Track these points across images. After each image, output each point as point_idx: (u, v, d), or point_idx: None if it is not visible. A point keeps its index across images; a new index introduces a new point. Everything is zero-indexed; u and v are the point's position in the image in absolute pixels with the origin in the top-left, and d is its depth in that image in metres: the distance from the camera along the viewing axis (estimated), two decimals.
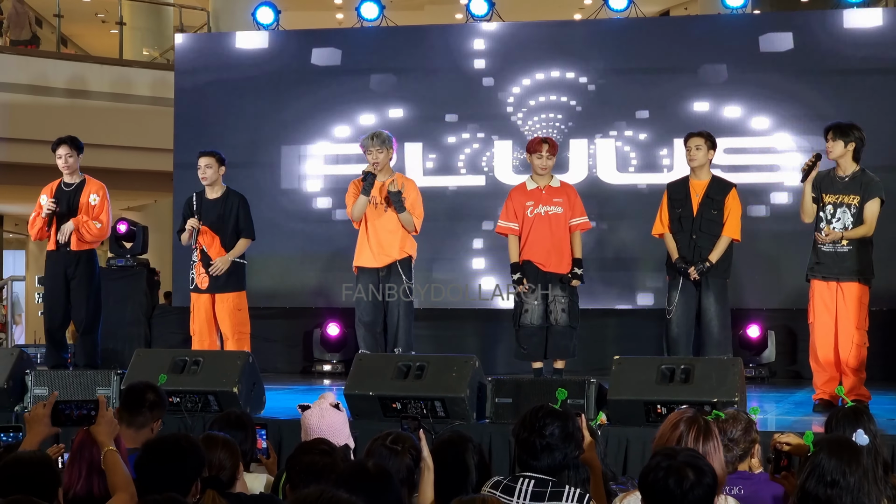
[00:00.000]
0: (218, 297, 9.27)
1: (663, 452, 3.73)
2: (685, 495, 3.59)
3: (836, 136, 8.09)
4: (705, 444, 4.23)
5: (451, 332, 11.63)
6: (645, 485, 3.67)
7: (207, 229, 9.26)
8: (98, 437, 4.31)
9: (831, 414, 4.90)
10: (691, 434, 4.23)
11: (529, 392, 7.20)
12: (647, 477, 3.66)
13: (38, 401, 7.77)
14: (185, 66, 12.48)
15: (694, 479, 3.60)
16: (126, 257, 12.23)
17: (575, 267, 8.80)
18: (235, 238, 9.32)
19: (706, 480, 3.62)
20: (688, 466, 3.62)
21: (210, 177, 9.31)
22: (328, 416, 5.24)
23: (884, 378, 9.64)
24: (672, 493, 3.60)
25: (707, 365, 7.16)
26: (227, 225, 9.30)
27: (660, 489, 3.61)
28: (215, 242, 9.27)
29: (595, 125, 11.44)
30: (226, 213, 9.32)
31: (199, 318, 9.30)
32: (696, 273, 8.45)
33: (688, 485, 3.59)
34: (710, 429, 4.30)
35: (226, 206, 9.34)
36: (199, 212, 9.30)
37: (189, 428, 7.21)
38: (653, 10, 18.29)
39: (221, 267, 9.21)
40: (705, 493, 3.61)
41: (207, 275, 9.23)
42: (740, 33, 11.29)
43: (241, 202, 9.40)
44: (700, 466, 3.64)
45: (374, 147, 8.93)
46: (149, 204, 20.15)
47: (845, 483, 3.95)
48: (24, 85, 16.00)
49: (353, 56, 11.98)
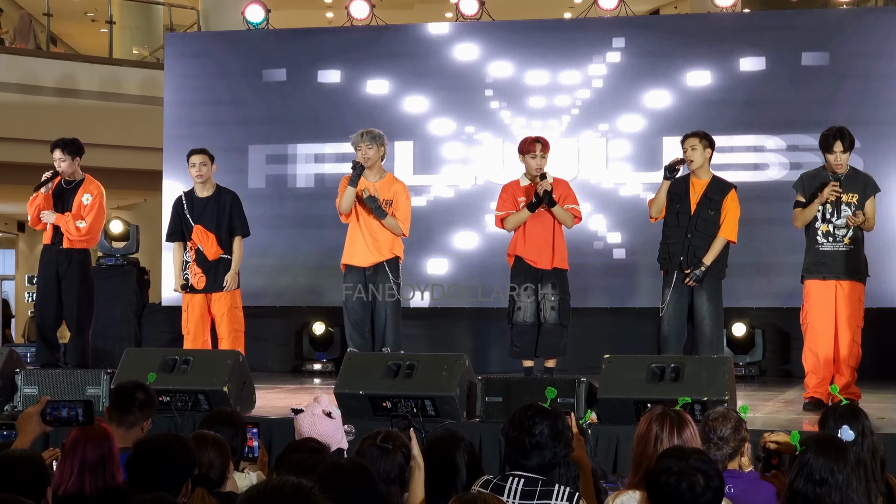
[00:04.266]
0: (214, 297, 9.24)
1: (673, 454, 3.75)
2: (696, 499, 3.62)
3: (846, 146, 8.05)
4: (681, 433, 4.28)
5: (443, 331, 11.64)
6: (655, 486, 3.68)
7: (201, 228, 9.23)
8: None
9: (826, 412, 4.90)
10: (665, 429, 4.27)
11: (519, 391, 7.21)
12: (659, 479, 3.68)
13: (28, 400, 7.82)
14: (175, 65, 12.46)
15: (704, 485, 3.63)
16: (116, 256, 12.22)
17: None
18: (229, 236, 9.30)
19: (714, 484, 3.66)
20: (698, 472, 3.65)
21: (205, 174, 9.27)
22: (319, 424, 5.24)
23: (874, 376, 9.66)
24: (683, 497, 3.63)
25: (697, 363, 7.17)
26: (222, 223, 9.27)
27: (671, 493, 3.64)
28: (210, 241, 9.22)
29: (586, 124, 11.45)
30: (220, 212, 9.28)
31: (193, 318, 9.26)
32: (692, 281, 8.43)
33: (699, 489, 3.63)
34: (682, 418, 4.34)
35: (218, 203, 9.31)
36: (191, 211, 9.27)
37: (179, 427, 7.20)
38: (642, 9, 18.29)
39: (232, 284, 9.19)
40: (713, 498, 3.66)
41: (203, 275, 9.20)
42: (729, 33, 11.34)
43: (233, 199, 9.36)
44: (708, 471, 3.68)
45: (364, 143, 8.92)
46: (139, 203, 20.12)
47: (834, 481, 3.97)
48: (14, 84, 15.96)
49: (345, 55, 11.98)
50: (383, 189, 9.02)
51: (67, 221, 9.44)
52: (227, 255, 9.25)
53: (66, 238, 9.49)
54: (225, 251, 9.25)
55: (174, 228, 9.39)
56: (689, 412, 4.48)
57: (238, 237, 9.32)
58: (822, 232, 8.10)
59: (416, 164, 11.72)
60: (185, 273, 9.29)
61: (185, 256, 9.31)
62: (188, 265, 9.27)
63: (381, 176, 9.07)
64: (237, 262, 9.27)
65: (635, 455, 4.33)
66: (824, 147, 8.11)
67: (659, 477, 3.67)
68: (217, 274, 9.22)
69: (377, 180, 9.03)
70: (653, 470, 3.72)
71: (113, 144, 16.00)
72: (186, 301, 9.33)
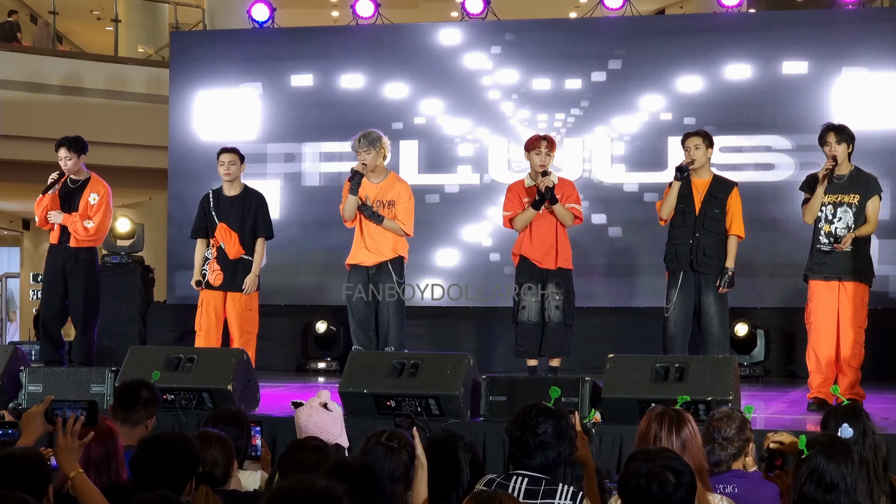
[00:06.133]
0: (230, 296, 9.23)
1: (640, 456, 3.72)
2: (668, 498, 3.59)
3: (841, 138, 8.07)
4: (680, 433, 4.28)
5: (448, 331, 11.62)
6: (626, 491, 3.65)
7: (225, 226, 9.23)
8: (61, 467, 4.23)
9: (828, 412, 4.90)
10: (664, 428, 4.28)
11: (524, 390, 7.21)
12: (629, 483, 3.64)
13: (33, 397, 7.83)
14: (181, 63, 12.47)
15: (675, 482, 3.60)
16: (121, 255, 12.22)
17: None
18: (252, 237, 9.29)
19: (685, 480, 3.62)
20: (667, 469, 3.62)
21: (233, 173, 9.26)
22: (316, 415, 5.23)
23: (877, 377, 9.65)
24: (656, 498, 3.59)
25: (701, 363, 7.16)
26: (246, 223, 9.26)
27: (643, 495, 3.60)
28: (233, 239, 9.21)
29: (591, 123, 11.44)
30: (245, 212, 9.28)
31: (206, 314, 9.25)
32: (724, 288, 8.44)
33: (670, 488, 3.59)
34: (681, 417, 4.34)
35: (244, 204, 9.30)
36: (216, 209, 9.27)
37: (183, 425, 7.21)
38: (648, 8, 18.28)
39: (251, 287, 9.19)
40: (687, 494, 3.62)
41: (222, 272, 9.20)
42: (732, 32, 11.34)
43: (259, 201, 9.35)
44: (677, 467, 3.64)
45: (362, 148, 8.91)
46: (143, 201, 20.13)
47: (844, 485, 3.96)
48: (20, 82, 15.98)
49: (350, 54, 11.98)
50: (385, 190, 9.02)
51: (75, 222, 9.43)
52: (247, 255, 9.24)
53: (73, 237, 9.49)
54: (247, 251, 9.24)
55: (199, 225, 9.39)
56: (693, 412, 4.49)
57: (261, 238, 9.31)
58: (825, 232, 8.09)
59: (419, 162, 11.72)
60: (203, 269, 9.29)
61: (207, 253, 9.30)
62: (208, 262, 9.27)
63: (384, 176, 9.07)
64: (258, 264, 9.26)
65: None
66: (821, 141, 8.16)
67: (629, 482, 3.64)
68: (235, 273, 9.21)
69: (380, 181, 9.04)
70: (622, 476, 3.68)
71: (118, 143, 16.02)
72: (202, 297, 9.32)
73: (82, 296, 9.55)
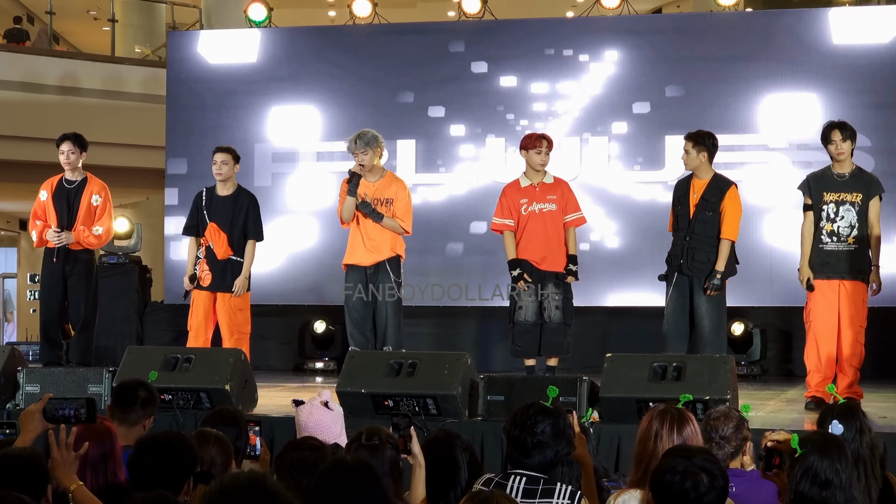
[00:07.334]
0: (220, 296, 9.19)
1: (678, 453, 3.73)
2: (699, 499, 3.61)
3: (846, 135, 8.01)
4: (682, 431, 4.28)
5: (446, 330, 11.63)
6: (660, 485, 3.66)
7: (215, 226, 9.21)
8: (60, 482, 4.13)
9: (824, 411, 4.90)
10: (665, 427, 4.27)
11: (521, 390, 7.20)
12: (663, 477, 3.66)
13: (30, 397, 7.82)
14: (177, 63, 12.47)
15: (708, 484, 3.62)
16: (118, 255, 12.21)
17: (570, 263, 8.77)
18: (243, 238, 9.26)
19: (718, 483, 3.64)
20: (703, 471, 3.63)
21: (225, 173, 9.20)
22: (317, 413, 5.23)
23: (875, 376, 9.66)
24: (687, 496, 3.61)
25: (699, 362, 7.16)
26: (236, 224, 9.22)
27: (676, 492, 3.62)
28: (222, 240, 9.17)
29: (589, 123, 11.45)
30: (235, 213, 9.24)
31: (197, 315, 9.23)
32: (712, 291, 8.36)
33: (703, 489, 3.61)
34: (683, 416, 4.34)
35: (236, 204, 9.24)
36: (208, 208, 9.25)
37: (181, 425, 7.20)
38: (645, 7, 18.29)
39: (241, 289, 9.16)
40: (717, 498, 3.64)
41: (210, 273, 9.18)
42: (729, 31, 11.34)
43: (251, 202, 9.28)
44: (713, 471, 3.66)
45: (359, 149, 8.88)
46: (140, 201, 20.13)
47: (838, 481, 3.97)
48: (16, 82, 15.98)
49: (346, 54, 11.98)
50: (383, 188, 9.00)
51: (84, 235, 9.36)
52: (236, 256, 9.19)
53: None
54: (236, 253, 9.18)
55: (190, 223, 9.36)
56: (691, 411, 4.48)
57: (252, 241, 9.26)
58: (826, 231, 8.06)
59: (416, 162, 11.73)
60: (195, 269, 9.27)
61: (198, 252, 9.29)
62: (199, 262, 9.25)
63: (381, 175, 9.06)
64: (248, 266, 9.20)
65: (636, 453, 4.33)
66: (824, 139, 8.07)
67: (664, 476, 3.66)
68: (224, 274, 9.17)
69: (377, 180, 9.02)
70: (658, 468, 3.71)
71: (115, 143, 16.01)
72: (193, 297, 9.31)
73: (82, 297, 9.52)
